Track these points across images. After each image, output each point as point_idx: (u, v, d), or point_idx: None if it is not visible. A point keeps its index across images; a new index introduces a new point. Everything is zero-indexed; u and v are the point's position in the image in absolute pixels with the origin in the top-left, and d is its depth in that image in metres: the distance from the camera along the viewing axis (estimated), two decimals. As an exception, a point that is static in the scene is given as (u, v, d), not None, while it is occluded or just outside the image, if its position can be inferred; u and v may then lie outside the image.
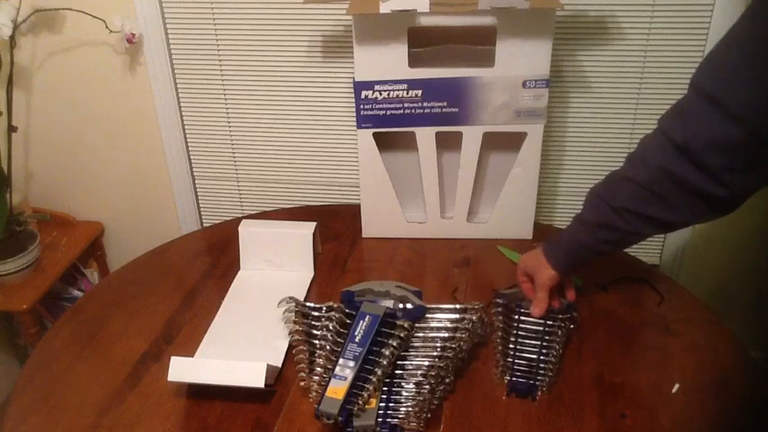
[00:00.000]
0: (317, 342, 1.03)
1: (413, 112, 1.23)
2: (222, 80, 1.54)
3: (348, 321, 1.02)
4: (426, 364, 0.97)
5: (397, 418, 0.92)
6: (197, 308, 1.18)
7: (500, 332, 1.04)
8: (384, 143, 1.29)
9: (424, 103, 1.22)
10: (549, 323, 1.04)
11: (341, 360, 0.95)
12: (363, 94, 1.22)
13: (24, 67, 1.60)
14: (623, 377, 1.00)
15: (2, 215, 1.50)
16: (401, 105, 1.22)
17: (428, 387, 0.94)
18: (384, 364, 0.95)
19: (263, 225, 1.26)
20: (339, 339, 0.99)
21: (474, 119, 1.23)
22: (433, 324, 1.03)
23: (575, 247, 0.99)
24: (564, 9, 1.35)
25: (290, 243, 1.23)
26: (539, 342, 1.03)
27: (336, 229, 1.40)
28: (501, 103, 1.21)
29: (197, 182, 1.70)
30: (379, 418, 0.91)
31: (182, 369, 0.96)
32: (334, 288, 1.21)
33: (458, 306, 1.05)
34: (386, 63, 1.19)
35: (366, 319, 1.00)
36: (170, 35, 1.51)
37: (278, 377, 1.02)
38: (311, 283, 1.22)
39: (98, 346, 1.10)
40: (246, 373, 0.94)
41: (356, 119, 1.24)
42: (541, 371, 0.99)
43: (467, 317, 1.03)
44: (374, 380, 0.93)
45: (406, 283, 1.14)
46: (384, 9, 1.12)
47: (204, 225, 1.76)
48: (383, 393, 0.94)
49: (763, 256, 1.53)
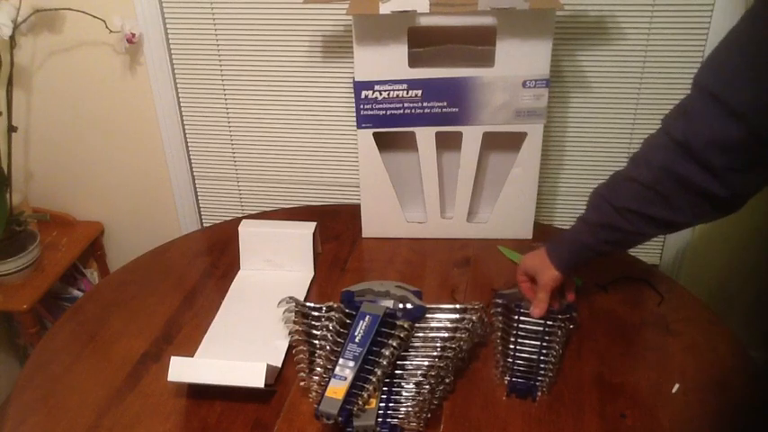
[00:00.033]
0: (316, 342, 1.03)
1: (413, 112, 1.23)
2: (222, 80, 1.54)
3: (348, 321, 1.02)
4: (426, 364, 0.97)
5: (397, 418, 0.92)
6: (197, 308, 1.18)
7: (500, 332, 1.04)
8: (384, 143, 1.29)
9: (424, 103, 1.22)
10: (549, 323, 1.04)
11: (341, 360, 0.95)
12: (363, 94, 1.22)
13: (24, 67, 1.60)
14: (623, 377, 1.00)
15: (2, 215, 1.50)
16: (401, 105, 1.22)
17: (428, 387, 0.94)
18: (384, 364, 0.95)
19: (263, 225, 1.26)
20: (339, 339, 0.99)
21: (474, 119, 1.23)
22: (433, 324, 1.03)
23: (578, 248, 0.99)
24: (564, 9, 1.35)
25: (290, 243, 1.23)
26: (538, 342, 1.03)
27: (336, 229, 1.40)
28: (501, 103, 1.21)
29: (197, 182, 1.70)
30: (379, 418, 0.91)
31: (182, 369, 0.96)
32: (334, 288, 1.21)
33: (458, 306, 1.05)
34: (386, 63, 1.19)
35: (366, 319, 1.00)
36: (170, 35, 1.51)
37: (278, 377, 1.02)
38: (311, 283, 1.22)
39: (98, 346, 1.10)
40: (246, 373, 0.94)
41: (356, 119, 1.24)
42: (541, 371, 0.99)
43: (467, 317, 1.03)
44: (374, 380, 0.93)
45: (406, 283, 1.14)
46: (384, 9, 1.12)
47: (204, 225, 1.76)
48: (383, 393, 0.94)
49: (763, 256, 1.53)
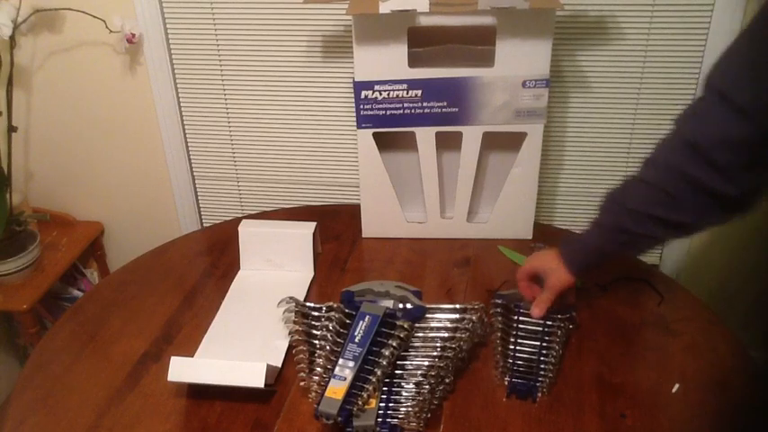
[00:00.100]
0: (316, 342, 1.03)
1: (413, 112, 1.23)
2: (222, 80, 1.54)
3: (348, 321, 1.02)
4: (426, 364, 0.97)
5: (397, 418, 0.92)
6: (197, 308, 1.18)
7: (499, 333, 1.04)
8: (384, 143, 1.29)
9: (424, 103, 1.22)
10: (549, 323, 1.04)
11: (341, 360, 0.95)
12: (363, 94, 1.22)
13: (24, 67, 1.60)
14: (623, 377, 1.00)
15: (2, 215, 1.50)
16: (401, 105, 1.22)
17: (428, 387, 0.94)
18: (384, 364, 0.95)
19: (263, 225, 1.26)
20: (339, 339, 0.99)
21: (474, 119, 1.23)
22: (433, 324, 1.03)
23: (590, 251, 0.99)
24: (564, 9, 1.35)
25: (290, 243, 1.23)
26: (538, 343, 1.03)
27: (336, 229, 1.40)
28: (501, 102, 1.21)
29: (197, 182, 1.70)
30: (379, 418, 0.91)
31: (182, 369, 0.96)
32: (334, 288, 1.21)
33: (458, 306, 1.04)
34: (386, 63, 1.19)
35: (366, 319, 1.00)
36: (170, 35, 1.51)
37: (278, 377, 1.02)
38: (311, 283, 1.22)
39: (98, 346, 1.10)
40: (246, 373, 0.94)
41: (356, 119, 1.24)
42: (541, 371, 0.99)
43: (467, 317, 1.03)
44: (374, 380, 0.93)
45: (406, 283, 1.14)
46: (384, 9, 1.12)
47: (204, 225, 1.76)
48: (383, 393, 0.94)
49: (763, 256, 1.53)
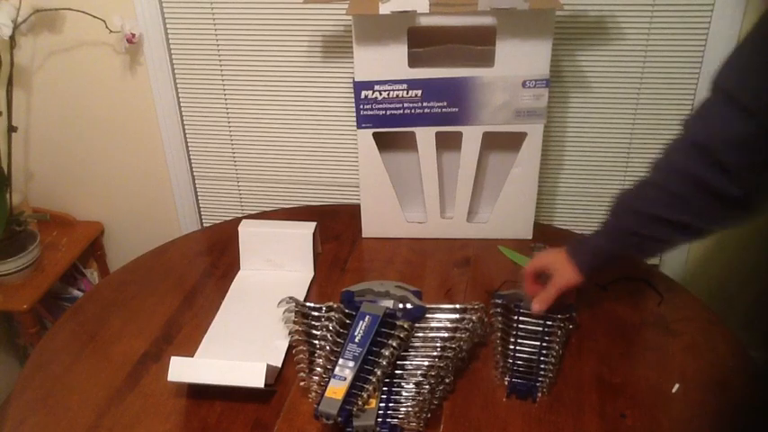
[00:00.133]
0: (316, 342, 1.03)
1: (413, 112, 1.23)
2: (222, 80, 1.54)
3: (348, 321, 1.02)
4: (426, 364, 0.97)
5: (397, 418, 0.92)
6: (197, 308, 1.18)
7: (499, 333, 1.04)
8: (384, 143, 1.29)
9: (424, 103, 1.22)
10: (549, 323, 1.04)
11: (340, 360, 0.95)
12: (363, 94, 1.22)
13: (24, 67, 1.60)
14: (623, 377, 1.00)
15: (2, 215, 1.50)
16: (401, 105, 1.22)
17: (428, 387, 0.94)
18: (384, 364, 0.95)
19: (263, 225, 1.26)
20: (339, 339, 0.99)
21: (474, 119, 1.23)
22: (433, 324, 1.03)
23: (598, 252, 0.99)
24: (564, 9, 1.35)
25: (290, 243, 1.23)
26: (538, 343, 1.03)
27: (336, 229, 1.40)
28: (501, 102, 1.21)
29: (197, 182, 1.70)
30: (379, 419, 0.91)
31: (182, 369, 0.96)
32: (334, 288, 1.21)
33: (458, 306, 1.04)
34: (386, 63, 1.19)
35: (366, 319, 1.00)
36: (170, 35, 1.51)
37: (278, 377, 1.02)
38: (311, 283, 1.22)
39: (98, 346, 1.10)
40: (246, 373, 0.94)
41: (356, 119, 1.24)
42: (541, 371, 0.99)
43: (467, 317, 1.03)
44: (374, 380, 0.93)
45: (406, 283, 1.14)
46: (384, 9, 1.12)
47: (204, 225, 1.76)
48: (383, 393, 0.94)
49: (763, 256, 1.53)
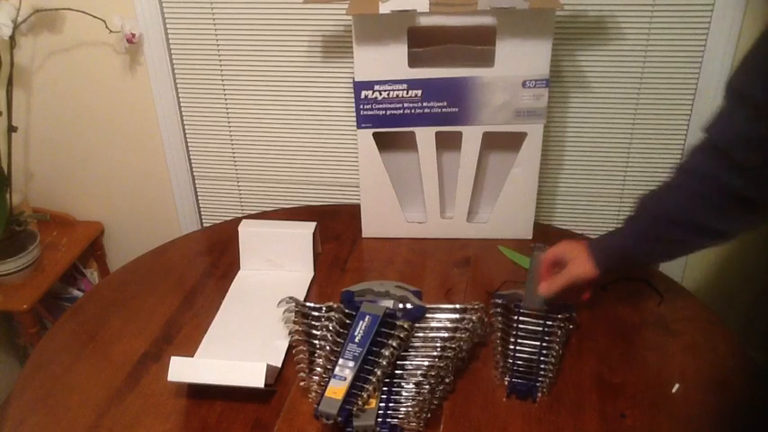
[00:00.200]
0: (316, 342, 1.03)
1: (413, 112, 1.23)
2: (222, 80, 1.54)
3: (348, 321, 1.02)
4: (426, 364, 0.97)
5: (397, 418, 0.92)
6: (197, 308, 1.18)
7: (499, 333, 1.04)
8: (384, 143, 1.29)
9: (424, 103, 1.22)
10: (549, 324, 1.04)
11: (340, 360, 0.95)
12: (363, 94, 1.22)
13: (24, 67, 1.60)
14: (623, 377, 1.00)
15: (2, 215, 1.50)
16: (401, 105, 1.22)
17: (428, 387, 0.94)
18: (384, 364, 0.95)
19: (263, 225, 1.26)
20: (339, 339, 0.99)
21: (474, 119, 1.23)
22: (433, 324, 1.03)
23: (619, 250, 0.99)
24: (564, 9, 1.35)
25: (290, 243, 1.23)
26: (538, 343, 1.03)
27: (336, 229, 1.40)
28: (501, 102, 1.21)
29: (197, 182, 1.70)
30: (379, 419, 0.91)
31: (182, 369, 0.96)
32: (334, 288, 1.21)
33: (458, 306, 1.04)
34: (386, 63, 1.19)
35: (366, 319, 1.00)
36: (170, 35, 1.51)
37: (278, 377, 1.02)
38: (311, 283, 1.22)
39: (98, 346, 1.10)
40: (246, 373, 0.94)
41: (356, 119, 1.24)
42: (541, 371, 0.99)
43: (467, 317, 1.03)
44: (374, 380, 0.93)
45: (406, 283, 1.14)
46: (384, 9, 1.12)
47: (204, 225, 1.76)
48: (383, 393, 0.94)
49: (763, 256, 1.53)
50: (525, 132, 1.24)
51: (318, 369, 0.98)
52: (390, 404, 0.93)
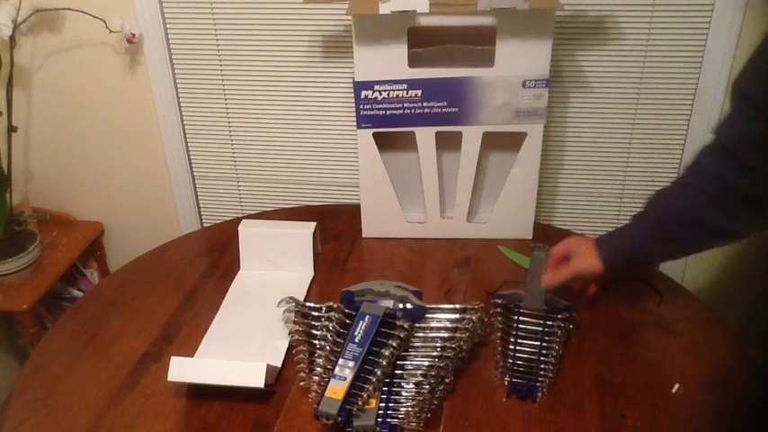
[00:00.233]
0: (316, 342, 1.03)
1: (413, 112, 1.23)
2: (222, 80, 1.54)
3: (348, 321, 1.02)
4: (426, 364, 0.97)
5: (397, 418, 0.92)
6: (197, 308, 1.18)
7: (499, 333, 1.04)
8: (384, 143, 1.29)
9: (424, 103, 1.22)
10: (549, 324, 1.04)
11: (340, 360, 0.95)
12: (363, 94, 1.22)
13: (24, 67, 1.60)
14: (623, 377, 1.00)
15: (2, 215, 1.50)
16: (401, 105, 1.22)
17: (428, 387, 0.94)
18: (384, 364, 0.95)
19: (263, 225, 1.26)
20: (339, 339, 0.99)
21: (474, 119, 1.23)
22: (433, 324, 1.03)
23: (626, 248, 1.00)
24: (564, 9, 1.35)
25: (290, 243, 1.23)
26: (538, 343, 1.03)
27: (336, 229, 1.40)
28: (501, 102, 1.21)
29: (197, 182, 1.70)
30: (379, 418, 0.91)
31: (182, 369, 0.96)
32: (334, 288, 1.21)
33: (458, 306, 1.04)
34: (386, 63, 1.19)
35: (366, 319, 1.00)
36: (170, 35, 1.51)
37: (278, 377, 1.02)
38: (311, 283, 1.22)
39: (98, 346, 1.10)
40: (246, 373, 0.94)
41: (356, 119, 1.24)
42: (541, 371, 0.99)
43: (467, 317, 1.03)
44: (374, 380, 0.93)
45: (406, 283, 1.14)
46: (384, 9, 1.12)
47: (204, 225, 1.76)
48: (383, 393, 0.94)
49: (763, 256, 1.53)
50: (525, 132, 1.24)
51: (318, 369, 0.98)
52: (390, 404, 0.93)
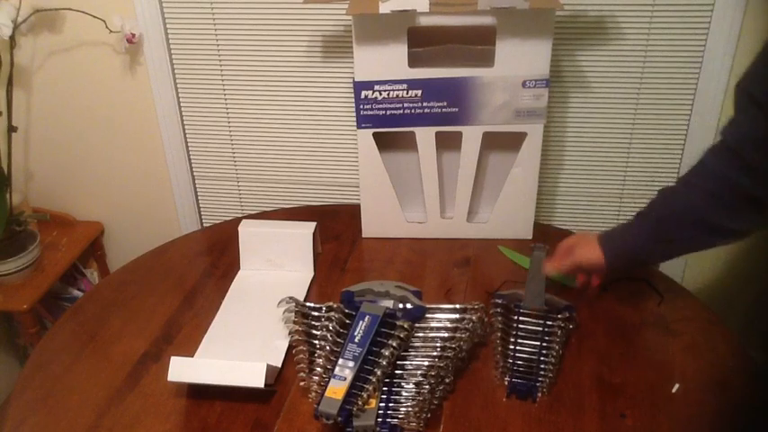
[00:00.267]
0: (316, 342, 1.03)
1: (413, 112, 1.23)
2: (222, 80, 1.54)
3: (348, 321, 1.02)
4: (426, 364, 0.97)
5: (397, 418, 0.92)
6: (197, 308, 1.18)
7: (499, 333, 1.04)
8: (384, 143, 1.29)
9: (424, 103, 1.22)
10: (549, 324, 1.04)
11: (340, 360, 0.95)
12: (363, 94, 1.22)
13: (24, 67, 1.60)
14: (623, 377, 1.00)
15: (2, 215, 1.50)
16: (401, 105, 1.22)
17: (428, 387, 0.94)
18: (384, 364, 0.95)
19: (263, 225, 1.26)
20: (339, 339, 0.99)
21: (474, 119, 1.23)
22: (433, 324, 1.03)
23: (628, 243, 1.01)
24: (564, 9, 1.35)
25: (290, 243, 1.23)
26: (538, 343, 1.03)
27: (336, 229, 1.40)
28: (501, 102, 1.21)
29: (197, 182, 1.70)
30: (379, 419, 0.91)
31: (182, 369, 0.96)
32: (334, 288, 1.21)
33: (458, 306, 1.05)
34: (386, 63, 1.19)
35: (366, 319, 1.00)
36: (170, 35, 1.51)
37: (278, 377, 1.02)
38: (311, 283, 1.22)
39: (98, 346, 1.10)
40: (246, 373, 0.94)
41: (356, 119, 1.24)
42: (541, 371, 0.99)
43: (467, 317, 1.03)
44: (374, 380, 0.93)
45: (406, 283, 1.14)
46: (384, 9, 1.12)
47: (204, 225, 1.76)
48: (383, 393, 0.94)
49: (763, 256, 1.53)
50: (525, 132, 1.24)
51: (318, 369, 0.98)
52: (390, 404, 0.93)
